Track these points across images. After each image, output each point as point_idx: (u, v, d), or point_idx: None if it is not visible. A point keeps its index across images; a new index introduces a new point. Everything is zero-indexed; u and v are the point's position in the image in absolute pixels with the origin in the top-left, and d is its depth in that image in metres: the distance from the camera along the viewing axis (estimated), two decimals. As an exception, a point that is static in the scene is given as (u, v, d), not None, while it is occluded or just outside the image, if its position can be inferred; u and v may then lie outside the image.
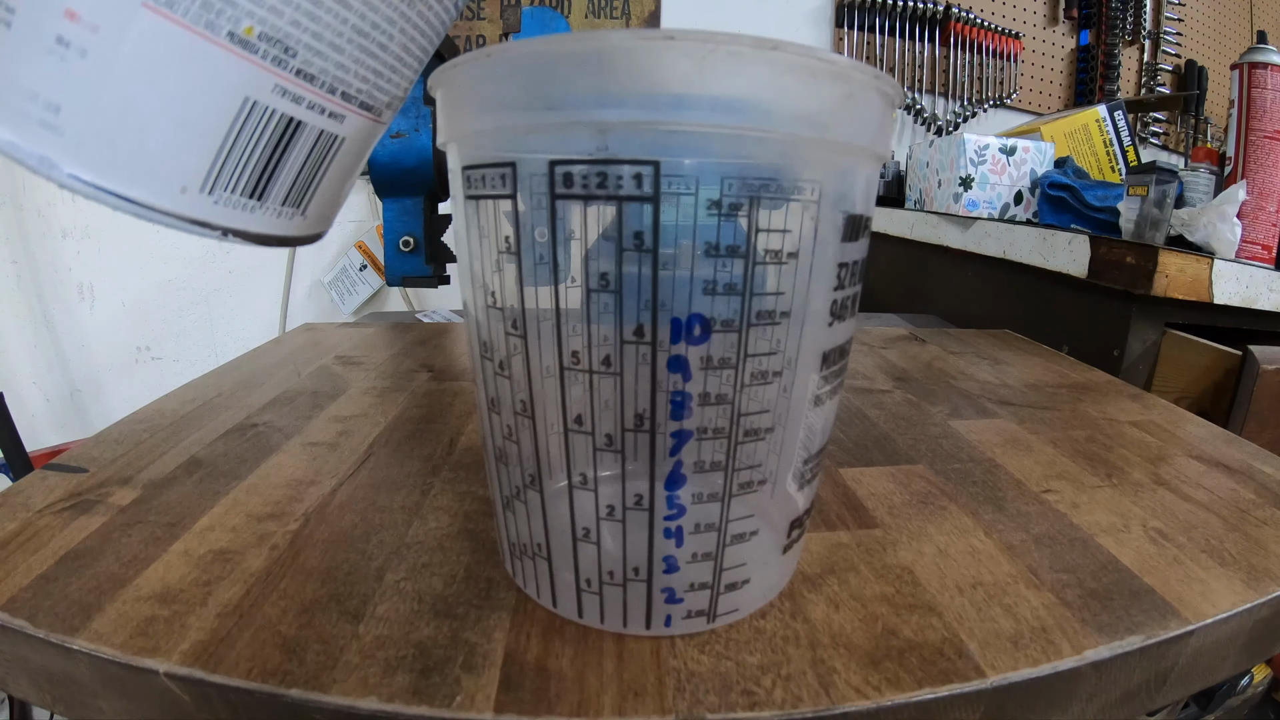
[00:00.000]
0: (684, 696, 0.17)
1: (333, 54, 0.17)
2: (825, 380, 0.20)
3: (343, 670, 0.18)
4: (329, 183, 0.20)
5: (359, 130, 0.19)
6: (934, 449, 0.34)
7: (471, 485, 0.29)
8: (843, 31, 1.31)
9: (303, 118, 0.17)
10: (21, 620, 0.19)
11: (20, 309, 1.29)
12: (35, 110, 0.14)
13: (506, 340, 0.18)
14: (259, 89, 0.16)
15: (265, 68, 0.16)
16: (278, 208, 0.18)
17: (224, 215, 0.17)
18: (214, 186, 0.17)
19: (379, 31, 0.17)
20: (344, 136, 0.19)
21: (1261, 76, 0.60)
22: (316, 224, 0.20)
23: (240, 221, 0.18)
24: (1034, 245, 0.63)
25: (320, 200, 0.20)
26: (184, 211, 0.16)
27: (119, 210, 0.16)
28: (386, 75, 0.19)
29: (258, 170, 0.17)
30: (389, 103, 0.20)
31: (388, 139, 0.54)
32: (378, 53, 0.18)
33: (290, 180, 0.18)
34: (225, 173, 0.17)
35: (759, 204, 0.16)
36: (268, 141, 0.17)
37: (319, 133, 0.18)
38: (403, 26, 0.18)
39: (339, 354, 0.49)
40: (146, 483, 0.28)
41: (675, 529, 0.18)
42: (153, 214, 0.16)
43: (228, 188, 0.17)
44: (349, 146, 0.19)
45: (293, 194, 0.18)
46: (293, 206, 0.19)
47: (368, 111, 0.19)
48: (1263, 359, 0.50)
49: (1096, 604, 0.22)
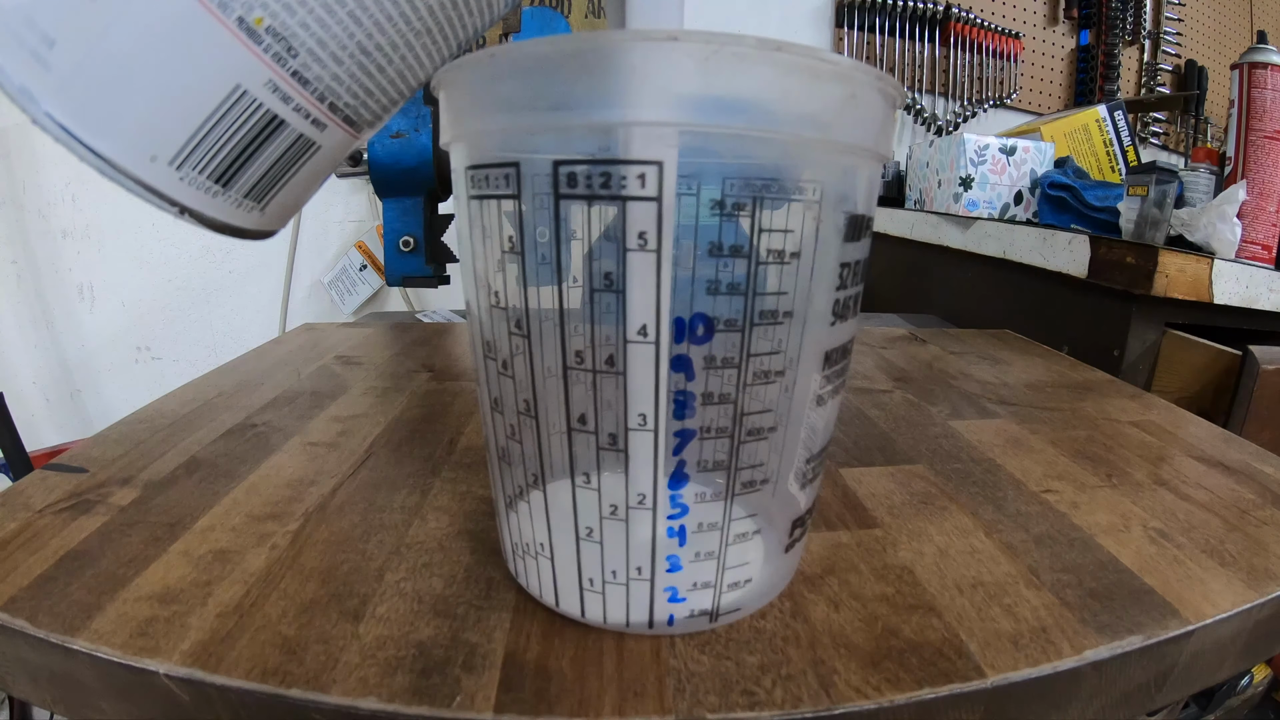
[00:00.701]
0: (684, 696, 0.17)
1: (332, 64, 0.17)
2: (827, 380, 0.20)
3: (343, 670, 0.18)
4: (294, 185, 0.20)
5: (336, 142, 0.19)
6: (934, 449, 0.34)
7: (471, 485, 0.29)
8: (843, 32, 1.31)
9: (287, 118, 0.17)
10: (21, 620, 0.19)
11: (20, 309, 1.28)
12: (30, 39, 0.14)
13: (509, 340, 0.18)
14: (253, 80, 0.16)
15: (264, 61, 0.16)
16: (239, 199, 0.18)
17: (186, 194, 0.17)
18: (183, 163, 0.16)
19: (381, 54, 0.18)
20: (321, 145, 0.19)
21: (1261, 76, 0.60)
22: (272, 222, 0.20)
23: (200, 203, 0.17)
24: (1034, 245, 0.64)
25: (281, 200, 0.20)
26: (148, 179, 0.16)
27: (83, 161, 0.15)
28: (376, 96, 0.19)
29: (230, 158, 0.17)
30: (371, 121, 0.20)
31: (388, 139, 0.54)
32: (374, 73, 0.18)
33: (258, 175, 0.18)
34: (198, 153, 0.17)
35: (761, 204, 0.16)
36: (247, 133, 0.17)
37: (298, 136, 0.18)
38: (404, 54, 0.18)
39: (339, 354, 0.49)
40: (146, 483, 0.28)
41: (678, 528, 0.18)
42: (116, 174, 0.16)
43: (196, 168, 0.17)
44: (322, 155, 0.19)
45: (257, 189, 0.18)
46: (254, 201, 0.19)
47: (349, 126, 0.19)
48: (1263, 359, 0.50)
49: (1096, 604, 0.22)
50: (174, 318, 1.31)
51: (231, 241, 1.27)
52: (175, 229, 1.25)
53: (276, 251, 1.28)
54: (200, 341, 1.32)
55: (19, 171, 1.22)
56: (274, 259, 1.29)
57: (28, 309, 1.28)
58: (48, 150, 1.21)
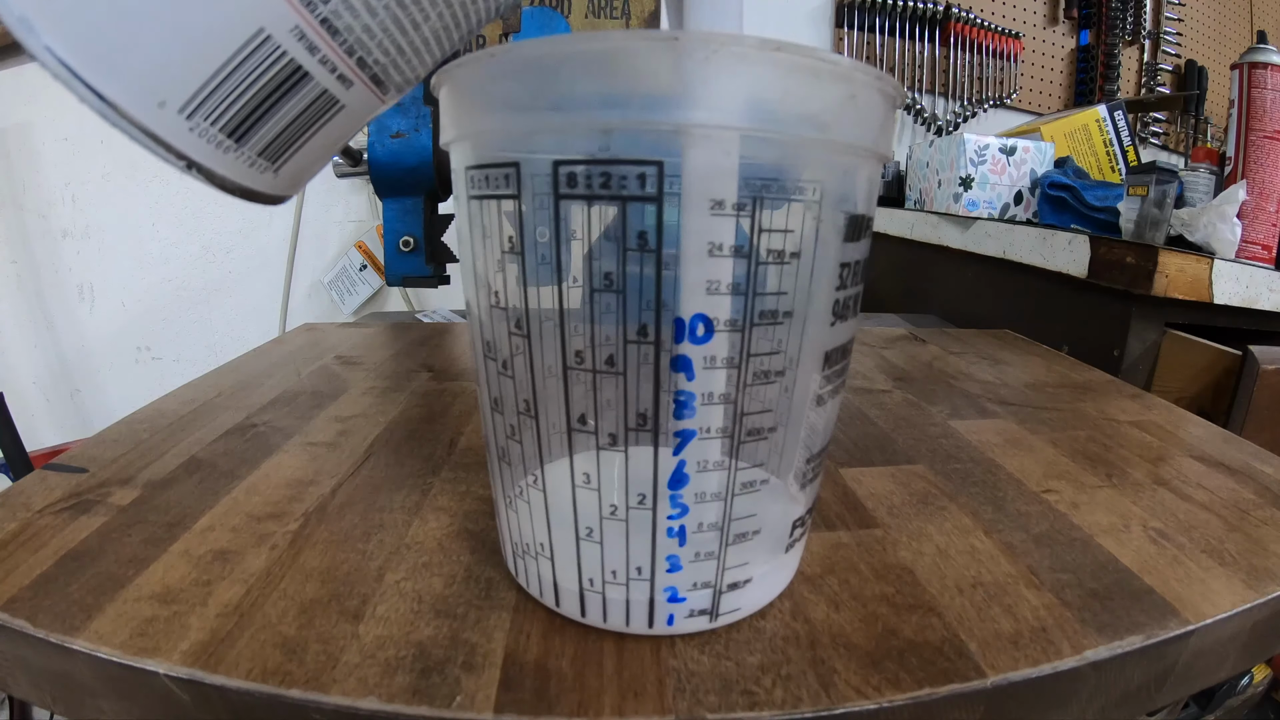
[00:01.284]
0: (684, 696, 0.17)
1: (365, 14, 0.16)
2: (827, 380, 0.20)
3: (343, 670, 0.18)
4: (311, 147, 0.18)
5: (360, 103, 0.18)
6: (934, 449, 0.34)
7: (471, 485, 0.29)
8: (843, 32, 1.31)
9: (311, 70, 0.16)
10: (21, 620, 0.19)
11: (20, 309, 1.28)
12: None
13: (509, 340, 0.18)
14: (278, 24, 0.15)
15: (292, 4, 0.15)
16: (253, 157, 0.17)
17: (195, 146, 0.16)
18: (195, 112, 0.15)
19: (417, 7, 0.16)
20: (345, 105, 0.18)
21: (1261, 76, 0.60)
22: (286, 186, 0.19)
23: (210, 158, 0.16)
24: (1034, 245, 0.64)
25: (297, 163, 0.18)
26: (155, 128, 0.15)
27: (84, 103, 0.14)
28: (409, 55, 0.17)
29: (246, 110, 0.16)
30: (400, 85, 0.18)
31: (388, 139, 0.54)
32: (409, 29, 0.17)
33: (275, 132, 0.17)
34: (212, 101, 0.15)
35: (762, 204, 0.16)
36: (267, 83, 0.16)
37: (321, 91, 0.17)
38: (442, 10, 0.17)
39: (339, 354, 0.49)
40: (146, 483, 0.28)
41: (678, 528, 0.18)
42: (120, 120, 0.15)
43: (209, 118, 0.15)
44: (344, 116, 0.18)
45: (273, 147, 0.17)
46: (268, 161, 0.17)
47: (377, 86, 0.18)
48: (1263, 359, 0.50)
49: (1096, 604, 0.22)
50: (174, 318, 1.31)
51: (231, 241, 1.28)
52: (175, 229, 1.26)
53: (276, 251, 1.28)
54: (200, 341, 1.32)
55: (19, 171, 1.22)
56: (274, 259, 1.29)
57: (28, 309, 1.28)
58: (48, 150, 1.21)
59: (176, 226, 1.26)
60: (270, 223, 1.27)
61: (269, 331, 1.30)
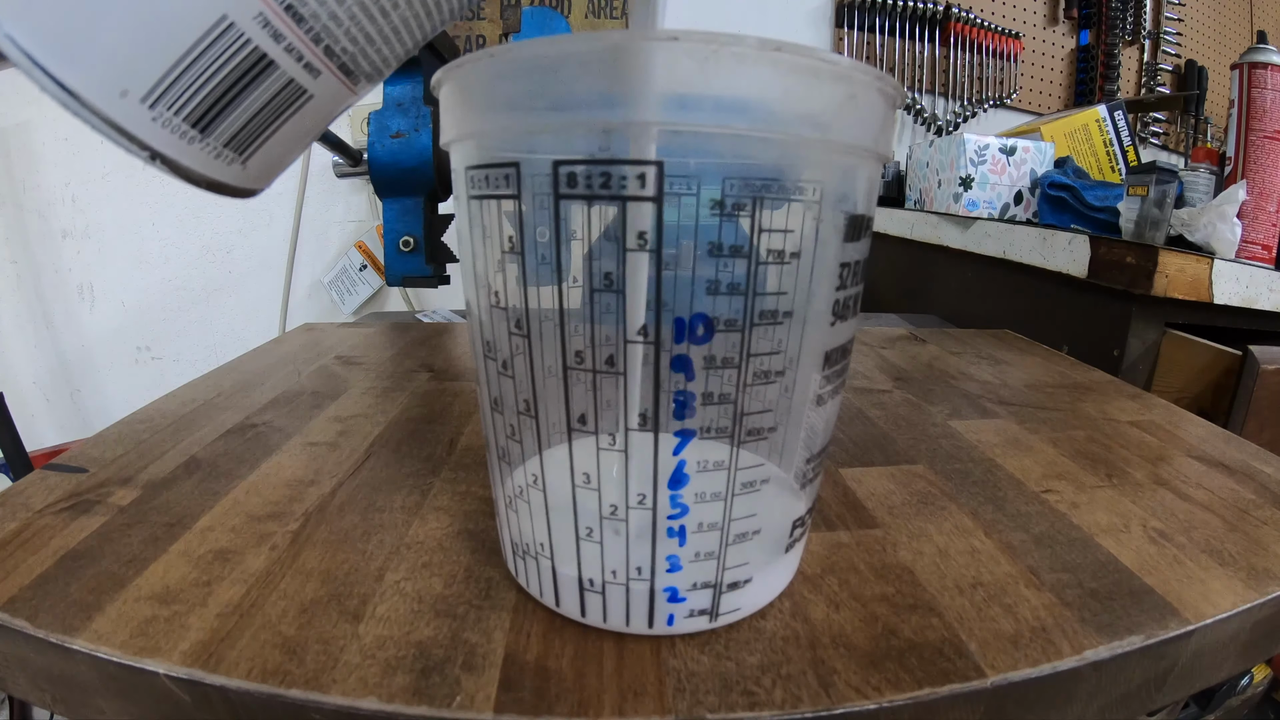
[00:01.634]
0: (684, 696, 0.17)
1: (331, 1, 0.15)
2: (827, 380, 0.20)
3: (343, 670, 0.18)
4: (280, 139, 0.18)
5: (329, 93, 0.18)
6: (934, 449, 0.34)
7: (471, 485, 0.29)
8: (843, 32, 1.31)
9: (276, 58, 0.16)
10: (21, 620, 0.19)
11: (20, 309, 1.28)
12: None
13: (509, 340, 0.18)
14: (241, 11, 0.15)
15: None
16: (219, 148, 0.17)
17: (159, 137, 0.15)
18: (158, 100, 0.15)
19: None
20: (313, 94, 0.17)
21: (1261, 76, 0.60)
22: (255, 179, 0.19)
23: (174, 149, 0.16)
24: (1034, 245, 0.64)
25: (265, 155, 0.18)
26: (117, 118, 0.15)
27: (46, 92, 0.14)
28: (378, 44, 0.17)
29: (210, 99, 0.16)
30: (370, 74, 0.18)
31: (388, 139, 0.54)
32: (377, 17, 0.16)
33: (241, 122, 0.17)
34: (175, 90, 0.15)
35: (761, 204, 0.16)
36: (231, 71, 0.15)
37: (288, 80, 0.16)
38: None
39: (339, 354, 0.49)
40: (146, 483, 0.28)
41: (678, 528, 0.18)
42: (81, 109, 0.14)
43: (172, 108, 0.15)
44: (313, 107, 0.18)
45: (239, 138, 0.17)
46: (234, 152, 0.17)
47: (345, 76, 0.17)
48: (1263, 359, 0.50)
49: (1096, 604, 0.22)
50: (174, 317, 1.31)
51: (231, 241, 1.28)
52: (175, 229, 1.26)
53: (276, 251, 1.28)
54: (200, 341, 1.32)
55: (19, 171, 1.22)
56: (274, 259, 1.29)
57: (28, 309, 1.29)
58: (48, 150, 1.21)
59: (176, 226, 1.26)
60: (270, 223, 1.27)
61: (269, 331, 1.30)
